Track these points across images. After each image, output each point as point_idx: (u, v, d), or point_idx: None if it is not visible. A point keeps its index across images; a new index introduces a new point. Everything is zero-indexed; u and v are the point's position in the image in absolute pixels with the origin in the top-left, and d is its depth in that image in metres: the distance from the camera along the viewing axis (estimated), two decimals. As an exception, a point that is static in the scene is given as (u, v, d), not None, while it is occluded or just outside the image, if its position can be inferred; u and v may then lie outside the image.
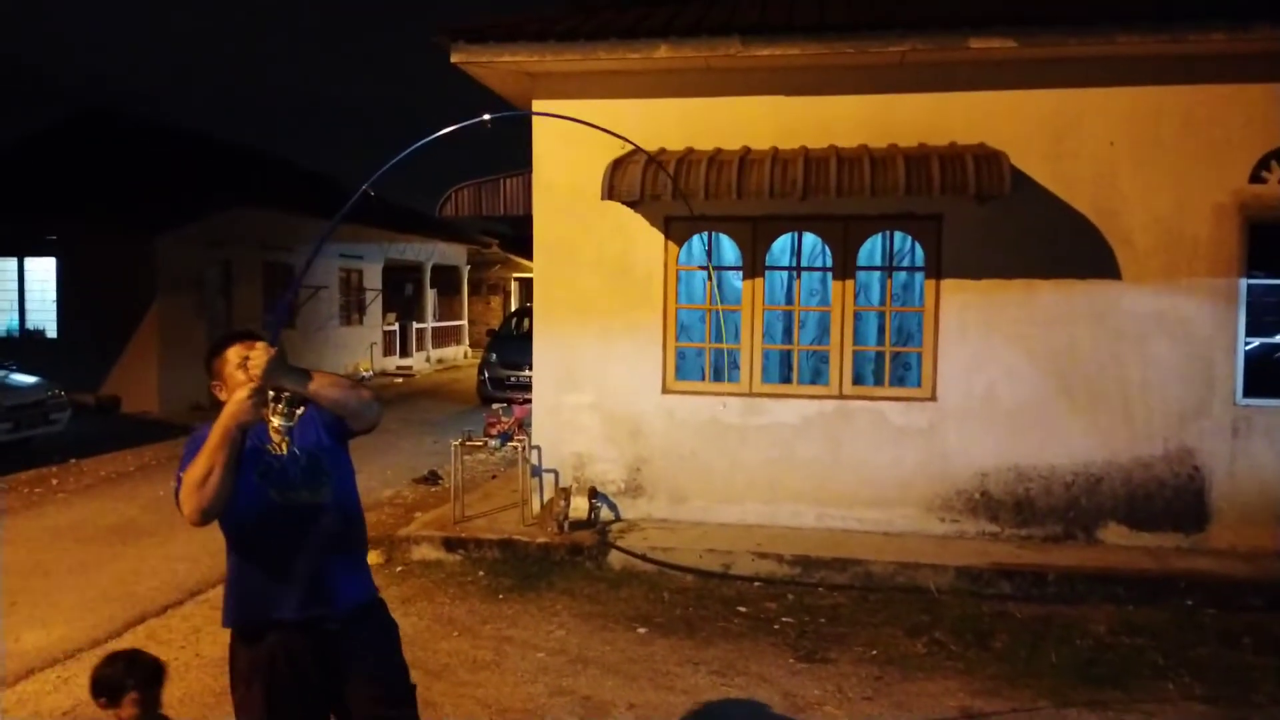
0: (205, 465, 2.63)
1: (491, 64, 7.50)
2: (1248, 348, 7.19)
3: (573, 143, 7.77)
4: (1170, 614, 6.12)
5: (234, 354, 2.86)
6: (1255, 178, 7.01)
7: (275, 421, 2.77)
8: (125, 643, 5.58)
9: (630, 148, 7.29)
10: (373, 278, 23.27)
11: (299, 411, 2.79)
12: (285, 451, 2.88)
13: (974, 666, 5.31)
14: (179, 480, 2.71)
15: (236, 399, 2.64)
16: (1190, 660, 5.39)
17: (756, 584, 6.71)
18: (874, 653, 5.50)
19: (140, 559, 7.32)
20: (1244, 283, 7.06)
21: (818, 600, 6.41)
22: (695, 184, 6.87)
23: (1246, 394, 7.09)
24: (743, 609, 6.24)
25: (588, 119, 7.70)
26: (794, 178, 6.76)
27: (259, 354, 2.60)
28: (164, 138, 20.80)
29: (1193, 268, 7.08)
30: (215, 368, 2.91)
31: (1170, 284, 7.11)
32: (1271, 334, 7.45)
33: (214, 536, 8.70)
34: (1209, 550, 7.01)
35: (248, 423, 2.64)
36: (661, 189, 6.89)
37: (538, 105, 7.79)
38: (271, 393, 2.69)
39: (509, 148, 8.24)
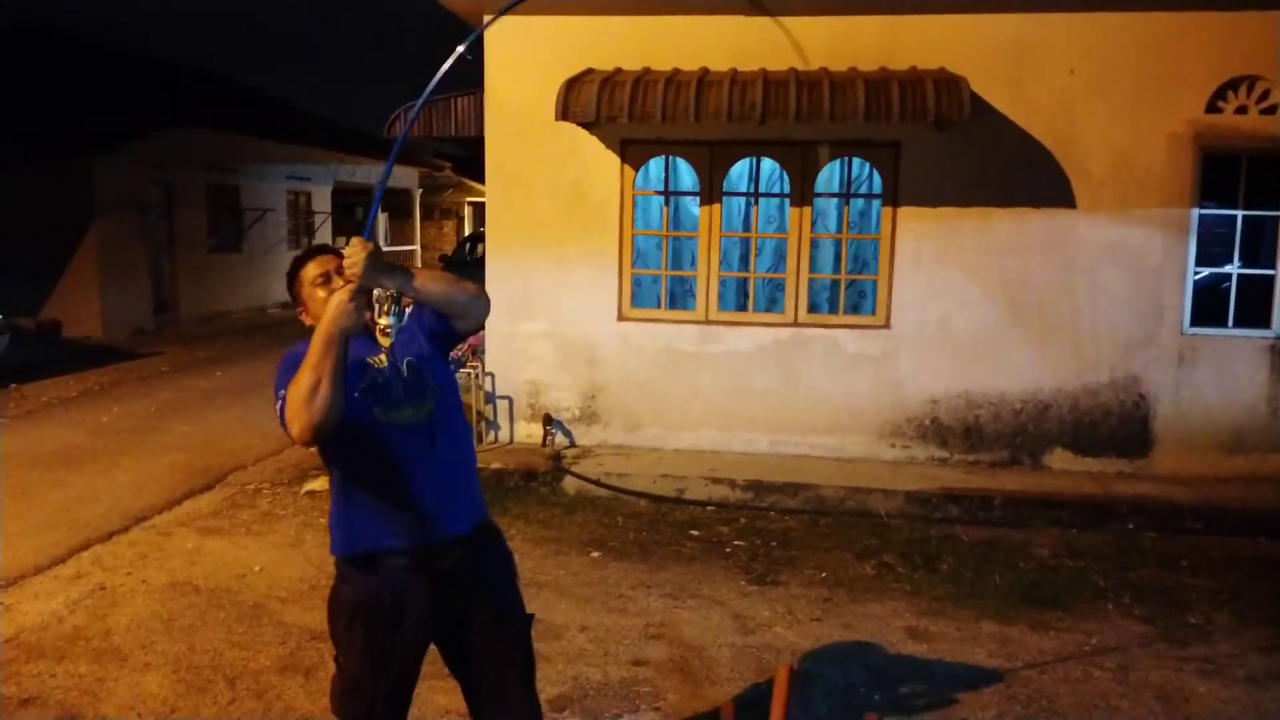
0: (311, 377, 2.37)
1: (442, -24, 7.24)
2: (1197, 278, 7.28)
3: (526, 61, 7.56)
4: (1112, 537, 6.28)
5: (310, 272, 2.67)
6: (1211, 107, 7.01)
7: (383, 322, 2.47)
8: (69, 569, 5.51)
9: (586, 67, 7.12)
10: (321, 200, 22.75)
11: (409, 310, 2.53)
12: (387, 362, 2.62)
13: (921, 588, 5.41)
14: (282, 400, 2.46)
15: (337, 301, 2.41)
16: (1130, 582, 5.54)
17: (709, 509, 6.76)
18: (823, 575, 5.58)
19: (85, 485, 7.18)
20: (1196, 213, 7.11)
21: (769, 524, 6.48)
22: (652, 105, 6.73)
23: (1193, 323, 7.20)
24: (695, 533, 6.29)
25: (541, 37, 7.56)
26: (753, 100, 6.64)
27: (355, 250, 2.37)
28: (100, 54, 19.97)
29: (1146, 197, 7.11)
30: (295, 291, 2.70)
31: (1123, 214, 7.14)
32: (1221, 264, 7.54)
33: (163, 465, 8.47)
34: (1151, 475, 7.17)
35: (350, 327, 2.41)
36: (617, 110, 6.74)
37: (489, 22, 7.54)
38: (376, 292, 2.45)
39: (460, 65, 7.94)
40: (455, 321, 2.66)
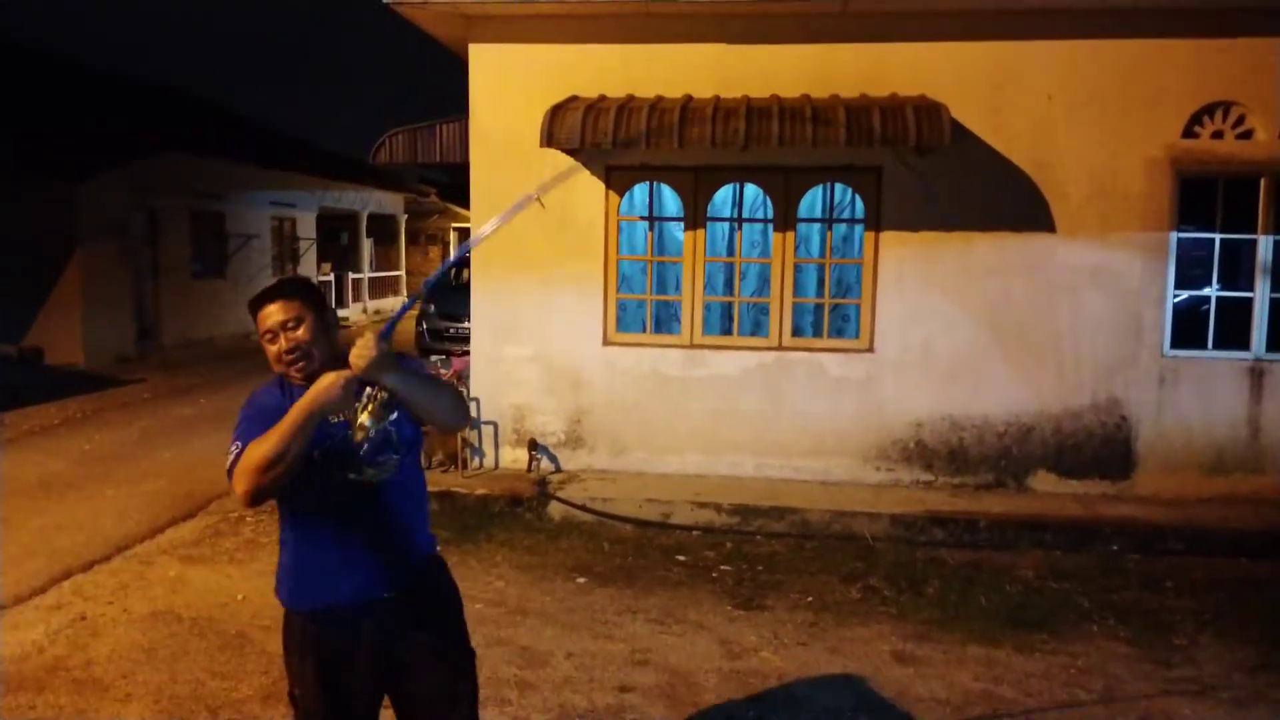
0: (279, 447, 2.37)
1: (426, 4, 7.28)
2: (1177, 300, 7.36)
3: (510, 88, 7.61)
4: (1096, 559, 6.31)
5: (262, 323, 2.59)
6: (1188, 132, 7.11)
7: (363, 419, 2.42)
8: (49, 599, 5.45)
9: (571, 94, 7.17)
10: (306, 227, 22.74)
11: (392, 417, 2.47)
12: (343, 418, 2.54)
13: (906, 611, 5.41)
14: (238, 451, 2.46)
15: (328, 382, 2.40)
16: (1114, 604, 5.56)
17: (695, 533, 6.75)
18: (809, 599, 5.58)
19: (65, 514, 7.11)
20: (1174, 236, 7.20)
21: (755, 548, 6.48)
22: (636, 132, 6.77)
23: (1173, 345, 7.27)
24: (682, 558, 6.28)
25: (525, 64, 7.61)
26: (736, 127, 6.69)
27: (368, 347, 2.34)
28: (83, 77, 19.95)
29: (1125, 221, 7.19)
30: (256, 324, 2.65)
31: (1103, 237, 7.21)
32: (1200, 286, 7.62)
33: (144, 493, 8.35)
34: (1134, 497, 7.21)
35: (334, 411, 2.44)
36: (601, 137, 6.78)
37: (474, 50, 7.61)
38: (369, 389, 2.42)
39: (445, 93, 8.02)
40: (432, 425, 2.67)
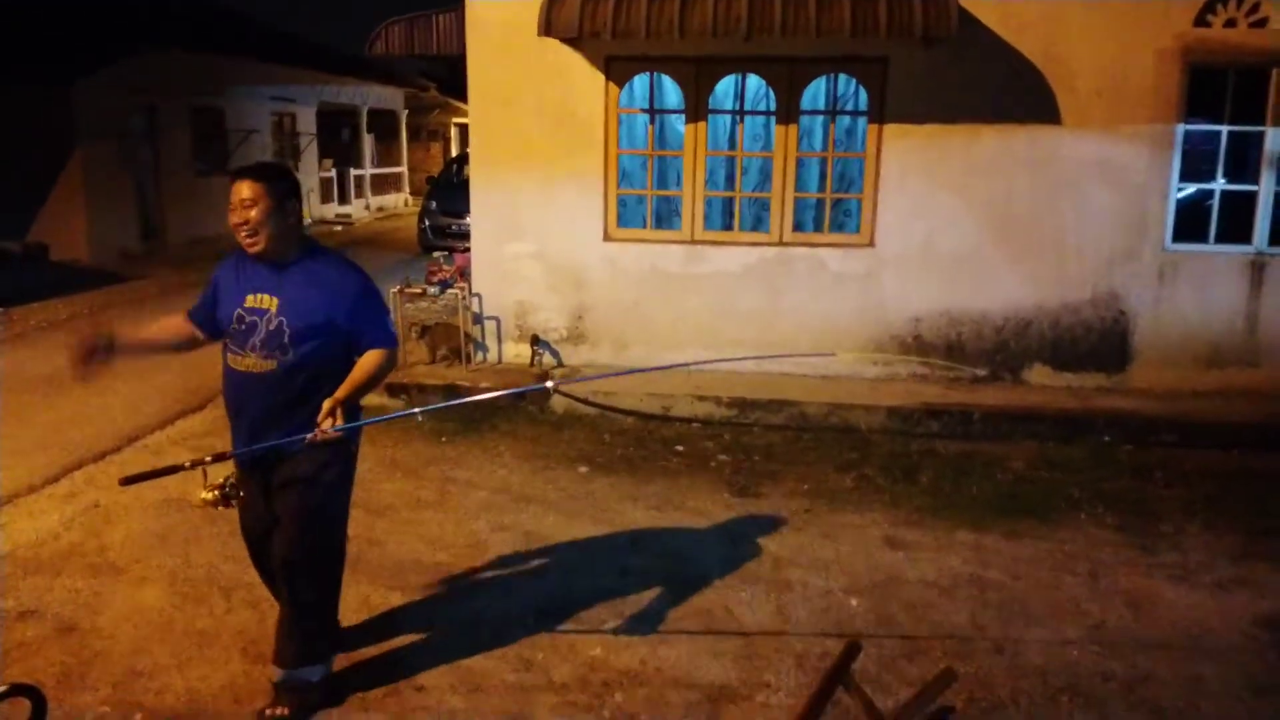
0: None
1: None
2: (1183, 194, 7.29)
3: (508, -25, 7.42)
4: (1088, 450, 6.41)
5: (232, 193, 3.21)
6: (1200, 20, 6.94)
7: (204, 494, 3.26)
8: (63, 488, 5.59)
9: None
10: (306, 122, 22.42)
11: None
12: (265, 306, 3.27)
13: (899, 500, 5.54)
14: (191, 309, 3.60)
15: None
16: (1104, 492, 5.67)
17: (695, 425, 6.86)
18: (805, 488, 5.71)
19: (75, 407, 7.23)
20: (1181, 128, 7.09)
21: (753, 440, 6.59)
22: (636, 21, 6.64)
23: (1175, 239, 7.23)
24: (681, 448, 6.40)
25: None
26: (738, 15, 6.55)
27: (329, 434, 3.15)
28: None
29: (1133, 113, 7.08)
30: None
31: (1109, 130, 7.11)
32: (1205, 180, 7.54)
33: (155, 386, 8.46)
34: (1129, 390, 7.29)
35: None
36: (600, 25, 6.65)
37: None
38: (221, 480, 3.29)
39: (442, -19, 7.82)
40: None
